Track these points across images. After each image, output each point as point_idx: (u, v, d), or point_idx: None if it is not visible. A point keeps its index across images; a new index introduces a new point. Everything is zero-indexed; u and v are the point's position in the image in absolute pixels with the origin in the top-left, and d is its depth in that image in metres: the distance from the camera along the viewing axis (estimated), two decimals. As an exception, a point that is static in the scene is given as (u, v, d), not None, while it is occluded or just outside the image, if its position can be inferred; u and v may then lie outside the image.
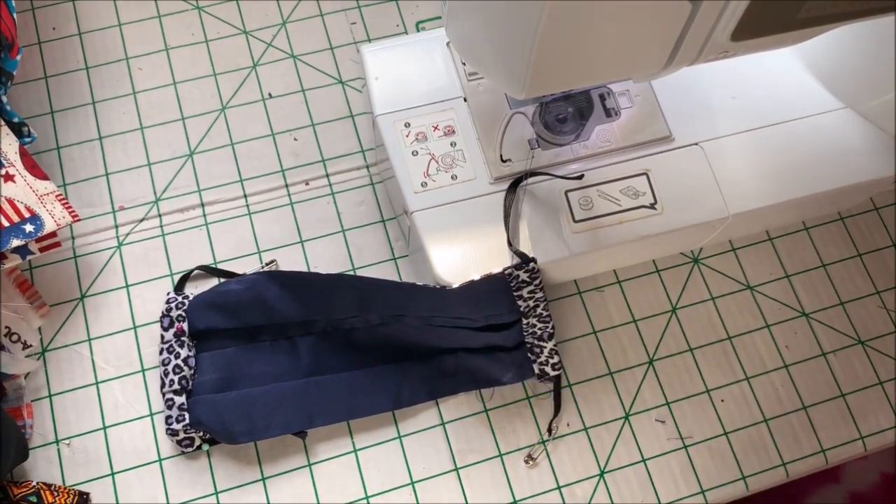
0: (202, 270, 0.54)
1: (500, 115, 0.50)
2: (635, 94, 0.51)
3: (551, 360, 0.49)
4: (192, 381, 0.49)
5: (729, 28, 0.36)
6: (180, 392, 0.49)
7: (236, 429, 0.48)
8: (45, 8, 0.60)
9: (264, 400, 0.49)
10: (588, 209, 0.49)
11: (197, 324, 0.50)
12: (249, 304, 0.50)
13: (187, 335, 0.50)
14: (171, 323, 0.51)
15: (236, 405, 0.48)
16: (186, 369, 0.49)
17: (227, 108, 0.59)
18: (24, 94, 0.58)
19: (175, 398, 0.49)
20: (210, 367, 0.50)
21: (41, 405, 0.51)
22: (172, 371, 0.49)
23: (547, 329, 0.49)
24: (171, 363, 0.49)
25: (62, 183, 0.56)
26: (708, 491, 0.52)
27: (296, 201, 0.57)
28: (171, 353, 0.50)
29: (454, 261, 0.47)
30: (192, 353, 0.50)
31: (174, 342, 0.50)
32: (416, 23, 0.62)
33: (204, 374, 0.50)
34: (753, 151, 0.51)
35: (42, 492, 0.47)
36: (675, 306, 0.56)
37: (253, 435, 0.49)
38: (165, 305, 0.51)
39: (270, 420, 0.48)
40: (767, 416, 0.53)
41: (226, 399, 0.49)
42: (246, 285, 0.51)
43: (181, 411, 0.48)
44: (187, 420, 0.48)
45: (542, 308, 0.49)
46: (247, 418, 0.48)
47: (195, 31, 0.61)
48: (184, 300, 0.51)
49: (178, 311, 0.51)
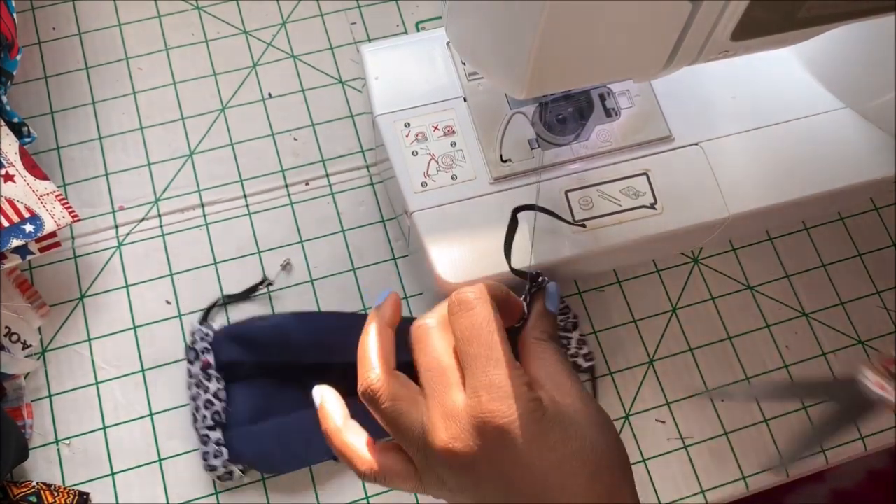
0: (226, 300, 0.53)
1: (500, 115, 0.50)
2: (635, 94, 0.51)
3: (581, 351, 0.48)
4: (224, 414, 0.49)
5: (729, 28, 0.36)
6: (214, 427, 0.48)
7: (277, 458, 0.47)
8: (45, 8, 0.60)
9: (301, 427, 0.48)
10: (588, 209, 0.49)
11: (221, 356, 0.50)
12: (274, 343, 0.49)
13: (214, 367, 0.49)
14: (197, 356, 0.50)
15: (274, 435, 0.48)
16: (218, 403, 0.49)
17: (227, 108, 0.59)
18: (24, 94, 0.58)
19: (210, 434, 0.48)
20: (243, 398, 0.49)
21: (41, 405, 0.51)
22: (204, 406, 0.48)
23: (569, 319, 0.48)
24: (202, 398, 0.49)
25: (62, 183, 0.56)
26: (708, 491, 0.52)
27: (296, 201, 0.57)
28: (200, 387, 0.49)
29: (454, 261, 0.47)
30: (221, 386, 0.49)
31: (202, 376, 0.49)
32: (416, 23, 0.62)
33: (236, 406, 0.49)
34: (753, 151, 0.51)
35: (42, 492, 0.47)
36: (675, 306, 0.56)
37: (293, 463, 0.48)
38: (190, 338, 0.51)
39: (309, 446, 0.48)
40: (767, 417, 0.53)
41: (263, 429, 0.48)
42: (271, 323, 0.50)
43: (219, 446, 0.48)
44: (226, 455, 0.47)
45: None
46: (286, 447, 0.47)
47: (195, 31, 0.61)
48: (208, 332, 0.51)
49: (204, 344, 0.50)
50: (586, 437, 0.37)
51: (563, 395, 0.38)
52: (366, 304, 0.54)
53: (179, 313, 0.53)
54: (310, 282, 0.55)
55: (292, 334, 0.49)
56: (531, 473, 0.35)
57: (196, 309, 0.53)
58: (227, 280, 0.54)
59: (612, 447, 0.38)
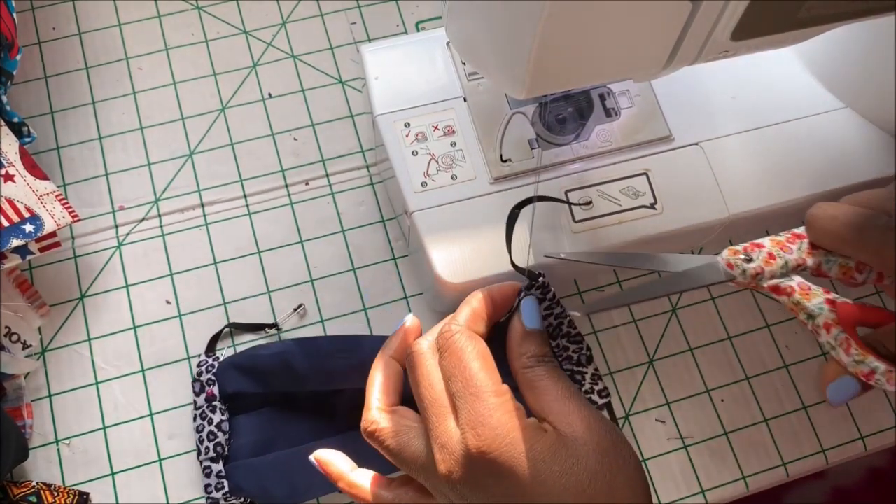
0: (232, 328, 0.53)
1: (500, 115, 0.50)
2: (635, 94, 0.51)
3: (596, 387, 0.45)
4: (227, 446, 0.49)
5: (729, 28, 0.36)
6: (217, 459, 0.48)
7: (277, 492, 0.47)
8: (45, 8, 0.60)
9: (304, 460, 0.47)
10: (588, 209, 0.49)
11: (226, 387, 0.49)
12: (278, 372, 0.49)
13: (218, 399, 0.49)
14: (202, 388, 0.50)
15: (275, 468, 0.47)
16: (221, 435, 0.49)
17: (227, 108, 0.59)
18: (24, 94, 0.58)
19: (212, 466, 0.48)
20: (246, 430, 0.49)
21: (41, 405, 0.51)
22: (207, 438, 0.49)
23: (582, 351, 0.45)
24: (206, 429, 0.49)
25: (62, 183, 0.56)
26: (708, 491, 0.52)
27: (296, 201, 0.57)
28: (205, 419, 0.49)
29: (454, 261, 0.47)
30: (225, 418, 0.49)
31: (206, 408, 0.49)
32: (416, 23, 0.62)
33: (240, 438, 0.49)
34: (753, 151, 0.51)
35: (42, 492, 0.47)
36: (675, 306, 0.56)
37: (295, 496, 0.47)
38: (196, 370, 0.51)
39: (311, 480, 0.47)
40: (767, 416, 0.53)
41: (264, 462, 0.48)
42: (273, 351, 0.49)
43: (219, 479, 0.48)
44: (227, 488, 0.47)
45: (568, 325, 0.45)
46: (287, 481, 0.47)
47: (195, 31, 0.61)
48: (213, 363, 0.50)
49: (208, 375, 0.50)
50: (583, 470, 0.36)
51: (564, 422, 0.37)
52: (366, 304, 0.54)
53: (179, 313, 0.53)
54: (310, 282, 0.55)
55: (295, 361, 0.49)
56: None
57: (196, 309, 0.53)
58: (227, 280, 0.54)
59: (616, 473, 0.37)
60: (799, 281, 0.42)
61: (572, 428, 0.37)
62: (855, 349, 0.39)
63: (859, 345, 0.40)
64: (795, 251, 0.42)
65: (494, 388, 0.37)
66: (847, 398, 0.41)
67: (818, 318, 0.41)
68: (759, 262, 0.42)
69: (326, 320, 0.54)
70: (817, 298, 0.42)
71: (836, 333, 0.40)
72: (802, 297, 0.42)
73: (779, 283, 0.42)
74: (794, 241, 0.43)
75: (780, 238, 0.43)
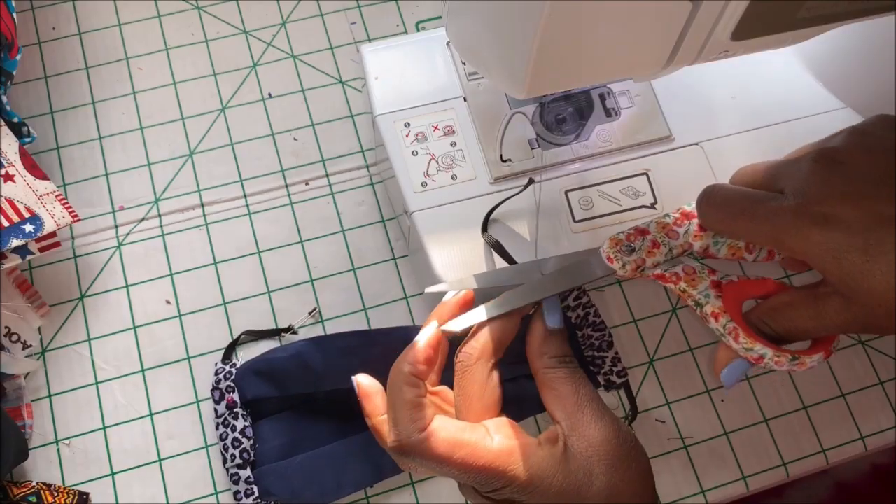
0: (248, 336, 0.53)
1: (500, 115, 0.50)
2: (635, 94, 0.51)
3: (615, 368, 0.48)
4: (253, 451, 0.49)
5: (729, 28, 0.36)
6: (244, 465, 0.48)
7: (307, 494, 0.47)
8: (45, 8, 0.60)
9: (331, 460, 0.47)
10: (588, 209, 0.49)
11: (246, 393, 0.49)
12: (295, 373, 0.49)
13: (239, 405, 0.49)
14: (222, 395, 0.50)
15: (304, 470, 0.47)
16: (246, 441, 0.48)
17: (227, 108, 0.59)
18: (24, 94, 0.58)
19: (240, 472, 0.48)
20: (271, 434, 0.49)
21: (41, 405, 0.51)
22: (232, 445, 0.48)
23: (605, 338, 0.48)
24: (230, 437, 0.49)
25: (62, 183, 0.56)
26: (708, 491, 0.52)
27: (296, 201, 0.57)
28: (227, 426, 0.49)
29: (454, 261, 0.47)
30: (248, 423, 0.49)
31: (228, 415, 0.49)
32: (416, 23, 0.62)
33: (266, 443, 0.49)
34: (753, 151, 0.51)
35: (42, 492, 0.47)
36: (675, 306, 0.56)
37: (325, 497, 0.47)
38: (214, 378, 0.50)
39: (341, 479, 0.47)
40: (767, 416, 0.53)
41: (292, 465, 0.47)
42: (290, 353, 0.49)
43: (248, 485, 0.48)
44: (256, 493, 0.47)
45: (594, 315, 0.48)
46: (317, 481, 0.47)
47: (195, 31, 0.61)
48: (231, 370, 0.50)
49: (227, 382, 0.50)
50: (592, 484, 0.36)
51: (579, 431, 0.38)
52: (366, 305, 0.54)
53: (179, 313, 0.53)
54: (310, 282, 0.55)
55: (312, 360, 0.49)
56: None
57: (196, 309, 0.53)
58: (227, 280, 0.54)
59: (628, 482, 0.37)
60: (684, 265, 0.42)
61: (587, 434, 0.38)
62: (743, 338, 0.39)
63: (747, 333, 0.39)
64: (682, 235, 0.42)
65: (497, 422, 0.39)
66: (740, 379, 0.41)
67: (705, 306, 0.41)
68: (642, 252, 0.41)
69: (326, 320, 0.54)
70: (703, 283, 0.41)
71: (724, 322, 0.40)
72: (688, 285, 0.41)
73: (663, 272, 0.42)
74: (682, 221, 0.42)
75: (667, 220, 0.43)
